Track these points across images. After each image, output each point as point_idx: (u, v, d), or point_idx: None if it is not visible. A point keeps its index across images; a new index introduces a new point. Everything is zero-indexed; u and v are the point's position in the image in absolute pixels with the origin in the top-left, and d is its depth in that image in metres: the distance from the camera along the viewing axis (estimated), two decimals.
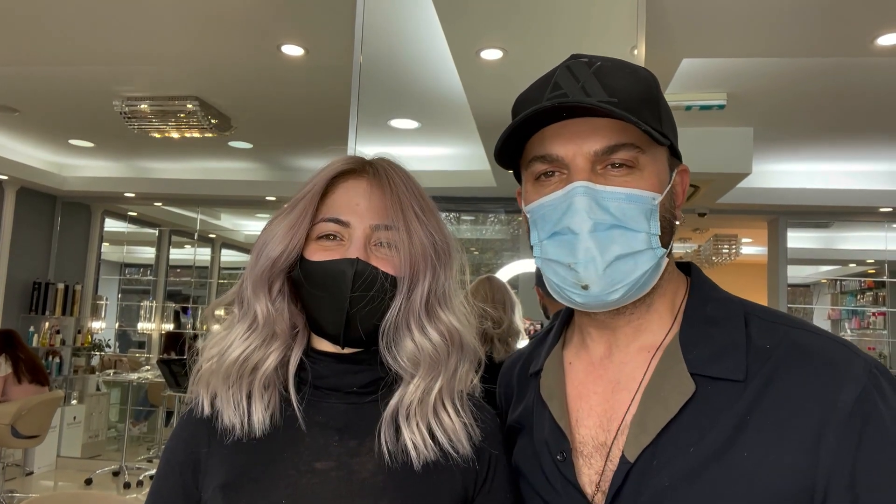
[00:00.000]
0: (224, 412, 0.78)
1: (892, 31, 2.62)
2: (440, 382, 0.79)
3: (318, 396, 0.81)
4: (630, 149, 0.72)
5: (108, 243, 7.13)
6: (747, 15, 2.52)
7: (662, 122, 0.75)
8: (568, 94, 0.72)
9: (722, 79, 3.44)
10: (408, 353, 0.79)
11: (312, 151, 5.38)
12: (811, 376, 0.65)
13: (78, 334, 6.49)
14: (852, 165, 5.00)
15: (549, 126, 0.74)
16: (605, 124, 0.72)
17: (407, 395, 0.78)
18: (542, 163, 0.74)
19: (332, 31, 2.96)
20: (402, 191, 0.81)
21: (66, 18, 3.00)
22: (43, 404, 4.67)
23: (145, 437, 6.81)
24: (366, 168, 0.83)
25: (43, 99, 4.32)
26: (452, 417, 0.79)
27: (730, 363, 0.69)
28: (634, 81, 0.74)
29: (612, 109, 0.69)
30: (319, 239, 0.81)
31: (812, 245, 7.24)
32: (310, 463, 0.76)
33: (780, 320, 0.73)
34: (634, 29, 2.05)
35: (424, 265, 0.80)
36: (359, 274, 0.77)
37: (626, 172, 0.72)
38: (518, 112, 0.76)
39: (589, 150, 0.72)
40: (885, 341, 7.28)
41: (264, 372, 0.79)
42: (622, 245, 0.71)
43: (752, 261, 7.81)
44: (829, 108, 3.84)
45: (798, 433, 0.63)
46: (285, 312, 0.81)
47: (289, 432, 0.78)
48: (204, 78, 3.79)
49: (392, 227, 0.79)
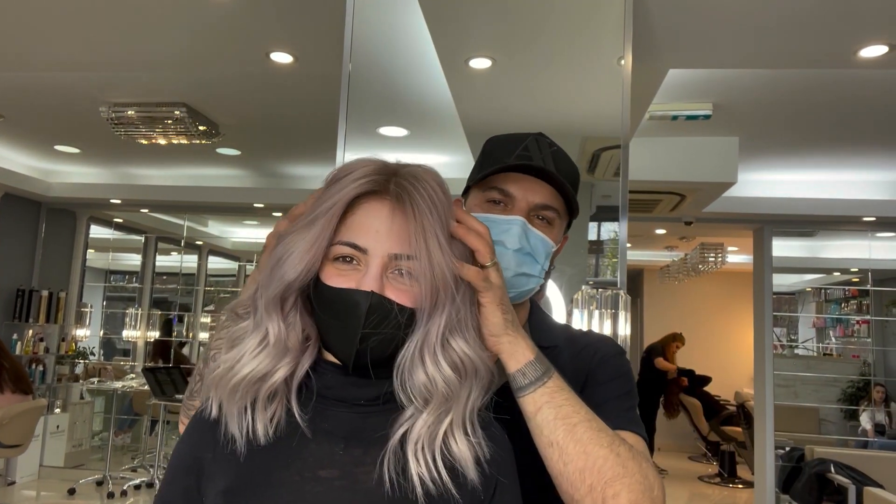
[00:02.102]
0: (228, 422, 0.77)
1: (874, 44, 2.66)
2: (451, 416, 0.77)
3: (324, 405, 0.80)
4: (553, 211, 1.04)
5: (94, 250, 7.06)
6: (733, 27, 2.55)
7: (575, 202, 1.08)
8: (533, 158, 1.02)
9: (708, 89, 3.48)
10: (419, 387, 0.76)
11: (301, 159, 5.38)
12: (589, 346, 1.08)
13: (62, 342, 6.41)
14: (836, 175, 5.06)
15: (512, 173, 1.03)
16: (547, 189, 1.03)
17: (415, 428, 0.76)
18: (499, 193, 1.03)
19: (321, 38, 2.97)
20: (427, 215, 0.76)
21: (52, 24, 2.98)
22: (26, 413, 4.61)
23: (129, 446, 6.74)
24: (389, 188, 0.78)
25: (28, 104, 4.29)
26: (461, 445, 0.77)
27: (550, 339, 1.05)
28: (573, 170, 1.07)
29: (563, 182, 1.00)
30: (336, 260, 0.77)
31: (797, 254, 7.31)
32: (314, 471, 0.75)
33: (580, 331, 1.16)
34: (621, 40, 2.07)
35: (445, 296, 0.76)
36: (373, 308, 0.74)
37: (545, 225, 1.04)
38: (495, 148, 1.08)
39: (532, 200, 1.02)
40: (868, 349, 7.36)
41: (272, 384, 0.77)
42: (528, 267, 1.01)
43: (738, 269, 7.86)
44: (813, 119, 3.89)
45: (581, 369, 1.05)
46: (298, 325, 0.79)
47: (294, 439, 0.77)
48: (192, 84, 3.78)
49: (413, 256, 0.75)
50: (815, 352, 8.48)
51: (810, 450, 4.84)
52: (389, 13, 2.31)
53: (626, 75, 2.05)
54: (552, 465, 0.82)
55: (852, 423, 6.86)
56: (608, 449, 0.80)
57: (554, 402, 0.82)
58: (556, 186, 1.02)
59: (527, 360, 0.84)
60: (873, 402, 6.49)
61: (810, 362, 7.79)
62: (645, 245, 8.33)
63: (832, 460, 4.52)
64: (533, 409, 0.83)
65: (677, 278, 8.12)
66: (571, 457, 0.80)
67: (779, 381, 6.05)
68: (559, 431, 0.81)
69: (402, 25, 2.32)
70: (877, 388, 6.55)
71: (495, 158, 1.05)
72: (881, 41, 2.63)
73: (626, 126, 2.00)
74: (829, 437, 6.91)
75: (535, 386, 0.83)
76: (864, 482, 4.16)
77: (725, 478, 6.80)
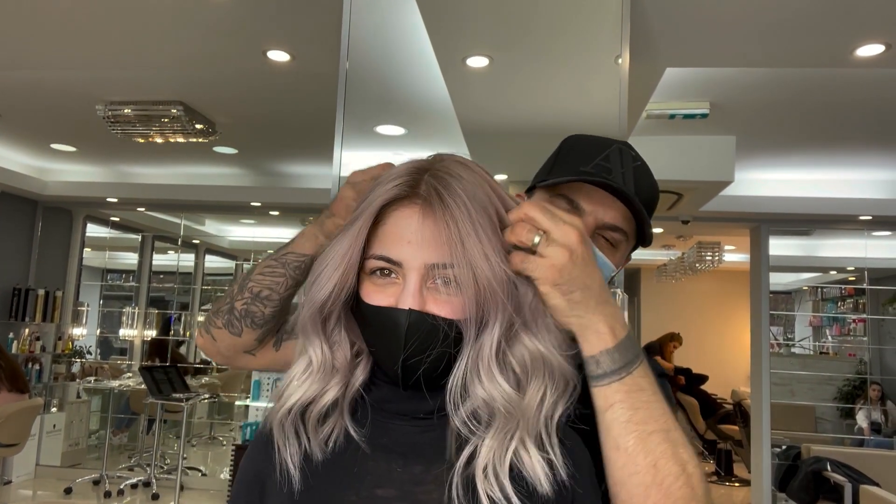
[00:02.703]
0: (280, 448, 0.75)
1: (871, 43, 2.66)
2: (518, 433, 0.69)
3: (383, 418, 0.75)
4: (621, 233, 0.96)
5: (90, 249, 7.05)
6: (730, 26, 2.55)
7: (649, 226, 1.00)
8: (613, 171, 0.94)
9: (705, 88, 3.48)
10: (475, 409, 0.69)
11: (298, 157, 5.37)
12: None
13: (58, 341, 6.40)
14: (833, 174, 5.07)
15: (588, 185, 0.94)
16: (619, 208, 0.94)
17: (481, 457, 0.69)
18: (566, 203, 0.95)
19: (318, 37, 2.96)
20: (462, 215, 0.67)
21: (49, 22, 2.97)
22: (22, 412, 4.60)
23: (126, 445, 6.73)
24: (419, 191, 0.70)
25: (25, 103, 4.28)
26: (534, 459, 0.69)
27: None
28: (653, 192, 0.99)
29: (641, 209, 0.93)
30: (372, 274, 0.71)
31: (793, 252, 7.32)
32: (371, 489, 0.72)
33: None
34: (619, 39, 2.07)
35: (495, 301, 0.68)
36: (413, 327, 0.68)
37: (609, 247, 0.96)
38: (573, 151, 0.99)
39: (601, 218, 0.94)
40: (865, 348, 7.38)
41: (322, 407, 0.74)
42: None
43: (734, 268, 7.88)
44: (810, 118, 3.89)
45: None
46: (345, 343, 0.75)
47: (352, 456, 0.74)
48: (189, 83, 3.77)
49: (452, 264, 0.67)
50: (812, 350, 8.51)
51: (807, 448, 4.86)
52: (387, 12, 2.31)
53: (624, 74, 2.05)
54: (614, 469, 0.74)
55: (848, 422, 6.88)
56: (680, 467, 0.71)
57: (629, 403, 0.72)
58: (632, 210, 0.94)
59: (603, 348, 0.73)
60: (869, 401, 6.52)
61: (807, 361, 7.81)
62: None
63: (828, 458, 4.53)
64: (604, 403, 0.73)
65: (674, 277, 8.14)
66: (639, 468, 0.71)
67: (775, 379, 6.07)
68: (630, 438, 0.72)
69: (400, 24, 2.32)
70: (873, 387, 6.57)
71: (571, 164, 0.96)
72: (877, 40, 2.64)
73: (623, 124, 2.00)
74: (825, 435, 6.93)
75: (610, 379, 0.72)
76: (861, 480, 4.17)
77: (722, 476, 6.81)
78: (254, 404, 4.65)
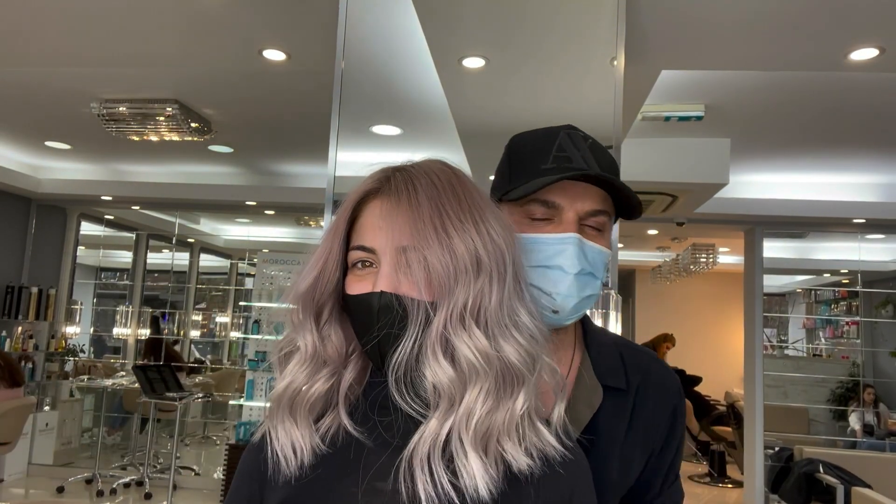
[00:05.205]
0: (274, 438, 0.77)
1: (864, 47, 2.67)
2: (451, 421, 0.69)
3: (382, 414, 0.76)
4: (604, 215, 0.91)
5: (84, 247, 7.02)
6: (725, 29, 2.56)
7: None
8: (573, 159, 0.89)
9: (700, 91, 3.50)
10: (425, 387, 0.70)
11: (293, 157, 5.36)
12: (660, 395, 0.97)
13: (52, 339, 6.37)
14: (827, 177, 5.09)
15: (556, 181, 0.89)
16: (594, 191, 0.90)
17: (424, 436, 0.69)
18: (541, 206, 0.89)
19: (314, 36, 2.96)
20: (422, 203, 0.72)
21: (43, 19, 2.96)
22: (15, 410, 4.58)
23: (119, 444, 6.71)
24: (390, 186, 0.75)
25: (19, 100, 4.26)
26: (470, 458, 0.68)
27: (619, 378, 0.94)
28: (613, 161, 0.93)
29: (623, 185, 0.88)
30: (354, 267, 0.76)
31: (787, 255, 7.35)
32: (371, 482, 0.73)
33: (634, 347, 1.01)
34: (614, 41, 2.08)
35: (448, 284, 0.70)
36: (383, 309, 0.71)
37: (597, 233, 0.91)
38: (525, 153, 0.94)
39: (581, 209, 0.89)
40: (857, 350, 7.41)
41: (311, 396, 0.76)
42: (591, 288, 0.91)
43: (729, 270, 7.91)
44: (804, 121, 3.91)
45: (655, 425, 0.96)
46: (333, 337, 0.78)
47: (351, 450, 0.75)
48: (184, 81, 3.76)
49: (420, 246, 0.71)
50: (805, 352, 8.54)
51: (799, 450, 4.87)
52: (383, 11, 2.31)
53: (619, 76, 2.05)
54: None
55: (841, 424, 6.91)
56: None
57: None
58: (613, 189, 0.90)
59: None
60: (863, 403, 6.54)
61: (800, 363, 7.83)
62: (637, 245, 8.36)
63: (821, 460, 4.55)
64: None
65: (669, 279, 8.15)
66: None
67: (769, 381, 6.09)
68: None
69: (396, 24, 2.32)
70: (867, 391, 6.60)
71: (529, 166, 0.92)
72: (871, 44, 2.65)
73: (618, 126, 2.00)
74: (818, 437, 6.95)
75: None
76: (853, 482, 4.19)
77: (715, 477, 6.83)
78: (248, 404, 4.64)
